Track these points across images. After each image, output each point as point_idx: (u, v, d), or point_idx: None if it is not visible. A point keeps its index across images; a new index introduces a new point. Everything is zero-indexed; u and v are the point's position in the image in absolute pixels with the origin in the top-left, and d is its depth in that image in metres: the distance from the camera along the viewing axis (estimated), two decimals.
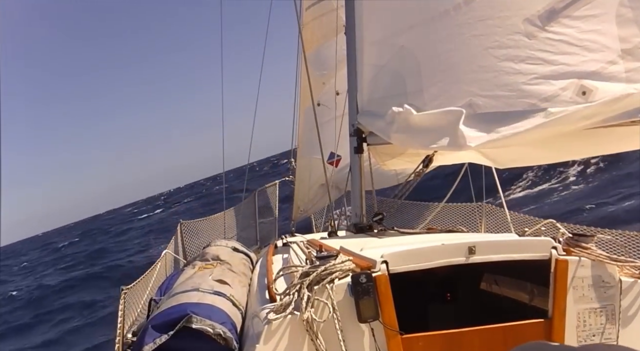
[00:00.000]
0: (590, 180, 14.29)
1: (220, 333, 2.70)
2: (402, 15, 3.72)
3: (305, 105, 6.62)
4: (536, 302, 2.65)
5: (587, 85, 2.90)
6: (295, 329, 2.30)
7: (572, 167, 15.11)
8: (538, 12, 3.08)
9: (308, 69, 4.92)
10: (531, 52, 3.08)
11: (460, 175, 4.77)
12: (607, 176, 13.94)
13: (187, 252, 6.22)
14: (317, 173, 6.63)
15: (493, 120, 3.01)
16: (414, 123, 3.43)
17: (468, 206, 5.66)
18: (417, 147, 3.73)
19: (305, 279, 2.34)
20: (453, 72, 3.41)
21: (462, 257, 2.46)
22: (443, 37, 3.45)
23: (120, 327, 3.05)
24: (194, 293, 2.98)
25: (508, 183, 14.42)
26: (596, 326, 2.50)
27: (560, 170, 15.30)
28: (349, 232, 4.34)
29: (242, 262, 3.93)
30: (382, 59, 3.91)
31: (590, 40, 2.96)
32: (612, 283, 2.52)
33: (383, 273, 2.36)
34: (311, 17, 6.64)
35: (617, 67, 2.90)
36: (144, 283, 3.96)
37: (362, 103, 4.17)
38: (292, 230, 6.55)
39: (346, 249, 2.85)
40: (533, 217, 4.71)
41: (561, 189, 14.38)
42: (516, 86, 3.09)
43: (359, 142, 4.25)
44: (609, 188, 12.68)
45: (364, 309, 2.30)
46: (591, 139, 3.02)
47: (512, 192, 14.84)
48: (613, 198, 11.75)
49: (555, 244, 2.55)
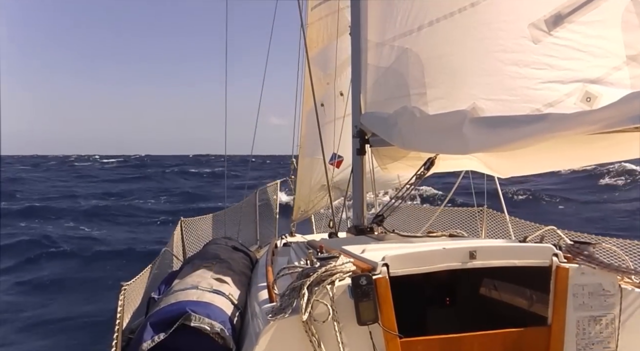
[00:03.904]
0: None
1: (218, 331, 2.70)
2: (407, 17, 3.71)
3: (309, 106, 6.61)
4: (536, 309, 2.64)
5: (592, 91, 2.89)
6: (294, 330, 2.30)
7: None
8: (544, 17, 3.08)
9: (311, 69, 4.92)
10: (536, 56, 3.07)
11: (460, 177, 4.75)
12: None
13: (186, 249, 6.21)
14: (318, 174, 6.62)
15: (497, 125, 3.00)
16: (417, 126, 3.42)
17: (469, 210, 5.65)
18: (420, 150, 3.72)
19: (305, 280, 2.34)
20: (457, 75, 3.40)
21: (463, 261, 2.45)
22: (448, 40, 3.45)
23: (118, 324, 3.04)
24: (192, 291, 2.98)
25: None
26: (595, 335, 2.49)
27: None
28: (350, 234, 4.33)
29: (241, 261, 3.93)
30: (386, 60, 3.90)
31: (595, 45, 2.96)
32: (613, 292, 2.51)
33: (383, 276, 2.36)
34: (317, 16, 6.63)
35: (622, 73, 2.89)
36: (143, 280, 3.96)
37: (366, 105, 4.16)
38: (292, 231, 6.54)
39: (347, 251, 2.84)
40: (534, 223, 4.70)
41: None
42: (520, 90, 3.08)
43: (362, 143, 4.24)
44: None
45: (363, 311, 2.29)
46: (594, 146, 3.01)
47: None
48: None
49: (556, 251, 2.54)
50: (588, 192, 23.43)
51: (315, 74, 5.64)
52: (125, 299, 3.23)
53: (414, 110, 3.47)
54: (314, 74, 5.26)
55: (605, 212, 18.41)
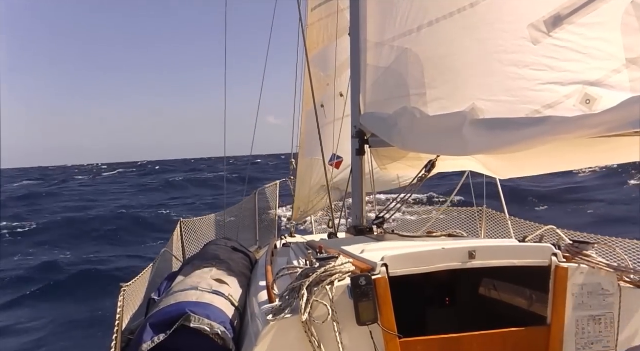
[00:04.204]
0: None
1: (218, 332, 2.70)
2: (406, 18, 3.72)
3: (308, 106, 6.62)
4: (535, 309, 2.64)
5: (591, 94, 2.90)
6: (294, 330, 2.30)
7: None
8: (543, 18, 3.08)
9: (311, 70, 4.92)
10: (536, 58, 3.07)
11: (462, 179, 4.76)
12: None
13: (186, 250, 6.21)
14: (318, 175, 6.63)
15: (497, 127, 3.01)
16: (417, 127, 3.43)
17: (468, 210, 5.66)
18: (420, 151, 3.72)
19: (305, 280, 2.34)
20: (457, 75, 3.41)
21: (462, 261, 2.45)
22: (447, 40, 3.45)
23: (118, 325, 3.04)
24: (192, 292, 2.98)
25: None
26: (595, 334, 2.49)
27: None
28: (349, 234, 4.33)
29: (241, 261, 3.93)
30: (386, 60, 3.91)
31: (595, 48, 2.96)
32: (612, 291, 2.51)
33: (383, 276, 2.36)
34: (317, 17, 6.64)
35: (621, 75, 2.90)
36: (143, 281, 3.96)
37: (365, 105, 4.16)
38: (291, 231, 6.55)
39: (346, 251, 2.85)
40: (533, 222, 4.71)
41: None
42: (520, 92, 3.08)
43: (361, 144, 4.24)
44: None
45: (362, 312, 2.29)
46: (594, 149, 3.02)
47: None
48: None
49: (555, 251, 2.55)
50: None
51: (315, 75, 5.65)
52: (124, 300, 3.22)
53: (413, 111, 3.47)
54: (313, 75, 5.27)
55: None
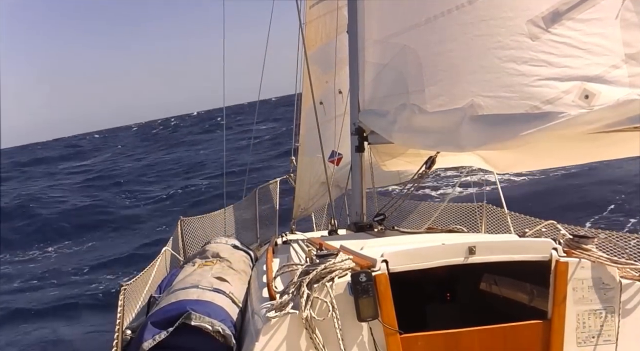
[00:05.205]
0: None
1: (219, 330, 2.71)
2: (404, 14, 3.72)
3: (308, 103, 6.61)
4: (536, 303, 2.65)
5: (590, 89, 2.89)
6: (295, 327, 2.31)
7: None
8: (542, 14, 3.07)
9: (310, 68, 4.92)
10: (534, 53, 3.07)
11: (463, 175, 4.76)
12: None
13: (187, 248, 6.21)
14: (318, 172, 6.62)
15: (495, 123, 3.01)
16: (416, 123, 3.43)
17: (468, 206, 5.65)
18: (419, 147, 3.73)
19: (305, 277, 2.35)
20: (455, 71, 3.40)
21: (462, 257, 2.46)
22: (446, 37, 3.45)
23: (119, 323, 3.05)
24: (193, 290, 2.98)
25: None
26: (596, 328, 2.50)
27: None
28: (349, 231, 4.34)
29: (242, 259, 3.94)
30: (384, 57, 3.91)
31: (594, 43, 2.95)
32: (612, 285, 2.52)
33: (383, 273, 2.36)
34: (315, 15, 6.62)
35: (620, 71, 2.89)
36: (144, 279, 3.96)
37: (364, 102, 4.17)
38: (292, 228, 6.55)
39: (346, 248, 2.85)
40: (533, 217, 4.71)
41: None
42: (518, 87, 3.08)
43: (360, 140, 4.25)
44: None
45: (363, 308, 2.30)
46: (592, 144, 3.02)
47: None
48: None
49: (555, 245, 2.55)
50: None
51: (314, 72, 5.63)
52: (125, 299, 3.23)
53: (412, 107, 3.47)
54: (312, 72, 5.26)
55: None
